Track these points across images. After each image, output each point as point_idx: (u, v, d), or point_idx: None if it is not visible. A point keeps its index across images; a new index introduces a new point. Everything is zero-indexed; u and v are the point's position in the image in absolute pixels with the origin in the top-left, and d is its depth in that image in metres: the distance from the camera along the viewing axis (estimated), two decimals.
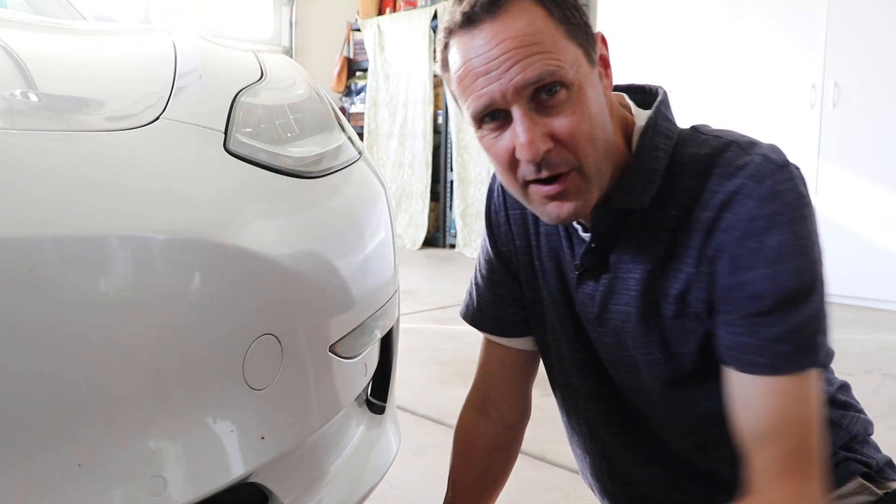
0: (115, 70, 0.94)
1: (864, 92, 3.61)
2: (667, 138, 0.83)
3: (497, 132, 0.77)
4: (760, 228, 0.74)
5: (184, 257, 0.69)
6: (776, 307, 0.75)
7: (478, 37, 0.74)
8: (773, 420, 0.76)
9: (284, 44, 6.23)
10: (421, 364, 2.63)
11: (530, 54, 0.73)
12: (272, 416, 0.79)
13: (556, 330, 0.96)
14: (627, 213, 0.83)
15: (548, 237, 0.94)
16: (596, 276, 0.87)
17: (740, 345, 0.77)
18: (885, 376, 2.52)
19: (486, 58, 0.74)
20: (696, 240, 0.79)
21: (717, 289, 0.78)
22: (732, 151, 0.79)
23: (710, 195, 0.78)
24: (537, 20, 0.74)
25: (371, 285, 0.97)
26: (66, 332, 0.62)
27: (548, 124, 0.75)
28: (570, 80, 0.74)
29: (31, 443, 0.61)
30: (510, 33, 0.73)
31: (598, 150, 0.77)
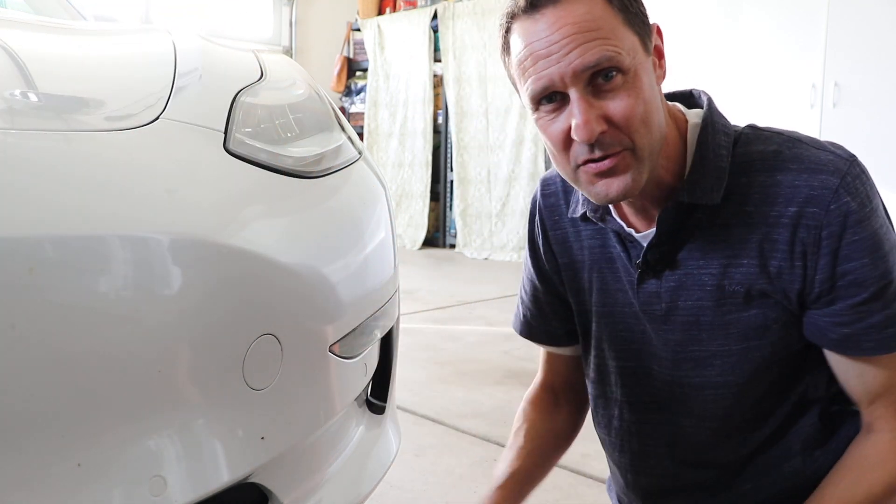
0: (114, 70, 0.94)
1: (864, 92, 3.61)
2: (725, 136, 0.86)
3: (554, 114, 0.80)
4: (855, 221, 0.78)
5: (184, 257, 0.69)
6: (878, 292, 0.79)
7: (540, 21, 0.77)
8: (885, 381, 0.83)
9: (284, 44, 6.24)
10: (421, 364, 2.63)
11: (590, 39, 0.76)
12: (272, 416, 0.79)
13: (603, 341, 0.98)
14: (692, 209, 0.84)
15: (592, 251, 0.96)
16: (658, 273, 0.89)
17: (848, 334, 0.81)
18: None
19: (547, 41, 0.76)
20: (783, 234, 0.81)
21: (818, 282, 0.81)
22: (801, 148, 0.83)
23: (791, 190, 0.81)
24: (597, 7, 0.77)
25: (371, 285, 0.97)
26: (66, 332, 0.62)
27: (603, 107, 0.77)
28: (627, 65, 0.77)
29: (31, 443, 0.61)
30: (571, 19, 0.76)
31: (652, 134, 0.80)
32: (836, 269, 0.80)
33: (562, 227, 1.00)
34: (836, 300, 0.81)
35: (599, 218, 0.92)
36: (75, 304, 0.62)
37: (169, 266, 0.68)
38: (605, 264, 0.95)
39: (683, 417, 0.92)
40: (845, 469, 0.84)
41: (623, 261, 0.92)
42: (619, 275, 0.93)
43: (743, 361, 0.87)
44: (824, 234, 0.79)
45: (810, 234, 0.80)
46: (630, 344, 0.94)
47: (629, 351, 0.95)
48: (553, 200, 1.01)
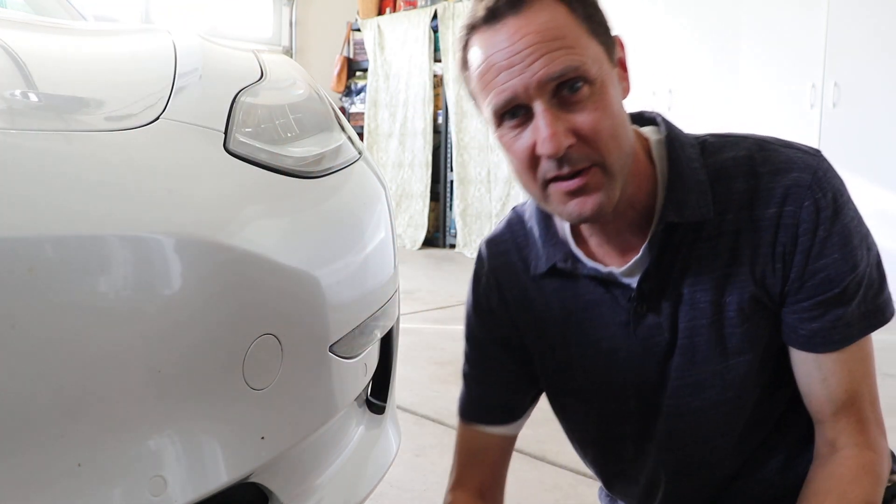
0: (114, 70, 0.94)
1: (864, 92, 3.61)
2: (692, 147, 0.84)
3: (518, 129, 0.76)
4: (828, 217, 0.78)
5: (184, 257, 0.69)
6: (849, 286, 0.79)
7: (500, 32, 0.74)
8: (847, 386, 0.82)
9: (284, 44, 6.24)
10: (421, 364, 2.63)
11: (554, 48, 0.72)
12: (272, 416, 0.79)
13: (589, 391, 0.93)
14: (674, 228, 0.82)
15: (562, 304, 0.91)
16: (654, 303, 0.85)
17: (819, 330, 0.81)
18: (885, 376, 2.52)
19: (509, 52, 0.73)
20: (765, 238, 0.80)
21: (791, 280, 0.80)
22: (769, 149, 0.82)
23: (767, 192, 0.80)
24: (560, 16, 0.74)
25: (371, 285, 0.97)
26: (66, 332, 0.62)
27: (570, 119, 0.74)
28: (593, 76, 0.74)
29: (31, 443, 0.61)
30: (533, 28, 0.73)
31: (622, 148, 0.77)
32: (809, 266, 0.79)
33: (520, 286, 0.94)
34: (807, 297, 0.80)
35: (570, 267, 0.88)
36: (75, 304, 0.62)
37: (169, 266, 0.68)
38: (583, 313, 0.90)
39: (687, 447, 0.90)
40: (823, 493, 0.81)
41: (608, 304, 0.87)
42: (605, 319, 0.88)
43: (739, 376, 0.85)
44: (800, 232, 0.79)
45: (788, 234, 0.79)
46: (626, 389, 0.90)
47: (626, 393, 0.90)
48: (504, 260, 0.95)
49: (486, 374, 0.99)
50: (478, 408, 1.00)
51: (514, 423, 1.00)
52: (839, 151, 3.70)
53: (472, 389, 1.00)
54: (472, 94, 0.80)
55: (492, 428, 0.99)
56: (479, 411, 1.00)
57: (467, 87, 0.81)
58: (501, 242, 0.97)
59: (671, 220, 0.80)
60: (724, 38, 4.01)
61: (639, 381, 0.89)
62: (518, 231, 0.95)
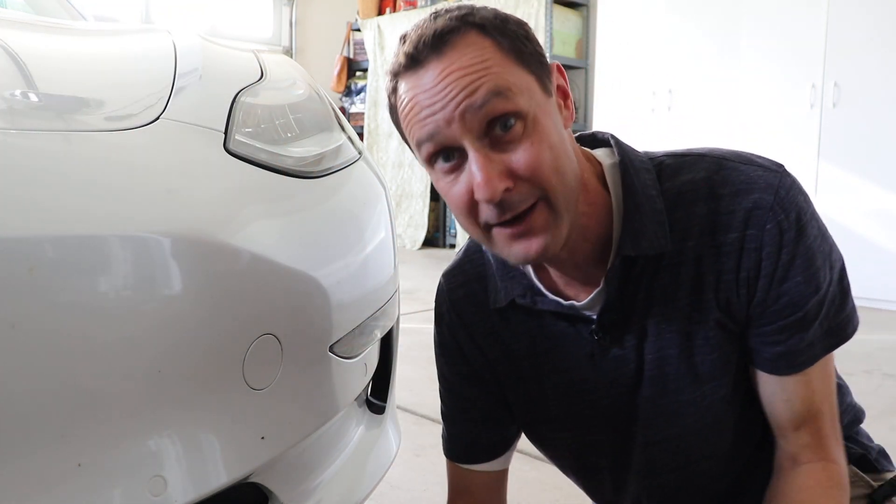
0: (114, 70, 0.94)
1: (864, 92, 3.61)
2: (647, 172, 0.80)
3: (452, 174, 0.72)
4: (791, 239, 0.76)
5: (183, 257, 0.69)
6: (813, 308, 0.78)
7: (424, 76, 0.70)
8: (809, 404, 0.81)
9: (284, 44, 6.23)
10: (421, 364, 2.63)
11: (476, 78, 0.69)
12: (272, 416, 0.79)
13: (563, 420, 0.91)
14: (635, 259, 0.79)
15: (530, 336, 0.88)
16: (618, 336, 0.83)
17: (783, 353, 0.79)
18: (885, 376, 2.52)
19: (432, 91, 0.70)
20: (730, 263, 0.77)
21: (754, 305, 0.78)
22: (728, 168, 0.78)
23: (728, 216, 0.77)
24: (485, 50, 0.70)
25: (371, 285, 0.97)
26: (66, 332, 0.62)
27: (505, 160, 0.70)
28: (525, 109, 0.70)
29: (31, 443, 0.61)
30: (456, 66, 0.69)
31: (567, 181, 0.73)
32: (772, 290, 0.77)
33: (484, 319, 0.90)
34: (770, 321, 0.78)
35: (530, 302, 0.85)
36: (75, 304, 0.62)
37: (169, 266, 0.68)
38: (549, 345, 0.87)
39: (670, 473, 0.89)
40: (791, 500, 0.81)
41: (572, 337, 0.85)
42: (569, 350, 0.86)
43: (715, 401, 0.83)
44: (763, 255, 0.76)
45: (751, 259, 0.76)
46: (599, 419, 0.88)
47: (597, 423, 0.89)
48: (465, 292, 0.92)
49: (463, 413, 0.97)
50: (460, 448, 0.98)
51: (500, 459, 0.98)
52: (839, 151, 3.70)
53: (452, 429, 0.99)
54: (404, 137, 0.77)
55: (477, 466, 0.98)
56: (461, 451, 0.98)
57: (400, 133, 0.77)
58: (460, 274, 0.93)
59: (627, 254, 0.77)
60: (724, 38, 4.01)
61: (609, 412, 0.87)
62: (476, 259, 0.92)
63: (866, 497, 0.90)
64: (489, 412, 0.96)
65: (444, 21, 0.71)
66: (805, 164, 3.71)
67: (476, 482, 0.98)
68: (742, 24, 3.95)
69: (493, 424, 0.96)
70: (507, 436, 0.98)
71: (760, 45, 3.89)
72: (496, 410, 0.96)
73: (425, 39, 0.70)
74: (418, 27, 0.73)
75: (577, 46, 5.26)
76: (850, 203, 3.66)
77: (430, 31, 0.71)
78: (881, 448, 0.95)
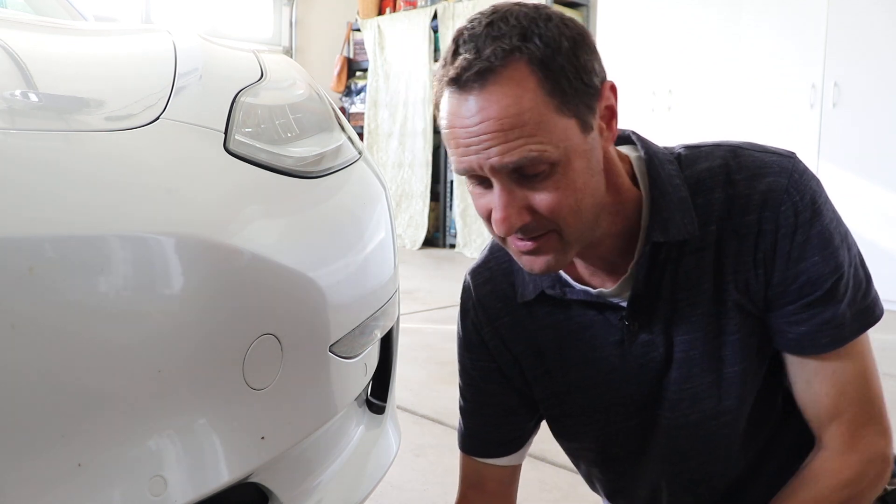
0: (114, 70, 0.94)
1: (864, 92, 3.61)
2: (670, 164, 0.83)
3: (480, 188, 0.76)
4: (806, 220, 0.78)
5: (184, 257, 0.69)
6: (831, 288, 0.79)
7: (464, 106, 0.72)
8: (840, 389, 0.81)
9: (284, 44, 6.23)
10: (421, 364, 2.63)
11: (511, 139, 0.70)
12: (272, 416, 0.79)
13: (589, 411, 0.93)
14: (660, 246, 0.81)
15: (556, 329, 0.91)
16: (646, 323, 0.85)
17: (807, 333, 0.80)
18: (886, 376, 2.51)
19: (468, 132, 0.72)
20: (747, 245, 0.80)
21: (773, 286, 0.80)
22: (744, 155, 0.82)
23: (745, 199, 0.79)
24: (525, 97, 0.70)
25: (371, 285, 0.97)
26: (66, 332, 0.62)
27: (528, 197, 0.74)
28: (555, 159, 0.72)
29: (31, 443, 0.61)
30: (494, 112, 0.70)
31: (583, 220, 0.76)
32: (789, 271, 0.79)
33: (510, 313, 0.93)
34: (791, 301, 0.80)
35: (560, 293, 0.88)
36: (75, 304, 0.62)
37: (169, 266, 0.68)
38: (577, 336, 0.89)
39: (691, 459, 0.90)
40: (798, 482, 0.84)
41: (601, 325, 0.87)
42: (599, 341, 0.88)
43: (735, 385, 0.84)
44: (780, 236, 0.78)
45: (768, 239, 0.79)
46: (627, 407, 0.90)
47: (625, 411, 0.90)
48: (491, 288, 0.94)
49: (483, 408, 0.98)
50: (477, 442, 0.99)
51: (516, 454, 1.00)
52: (839, 151, 3.70)
53: (471, 424, 1.00)
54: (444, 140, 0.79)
55: (493, 460, 0.99)
56: (478, 445, 0.99)
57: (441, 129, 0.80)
58: (486, 270, 0.96)
59: (657, 240, 0.80)
60: (723, 38, 4.01)
61: (637, 398, 0.89)
62: (502, 256, 0.94)
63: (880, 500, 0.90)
64: (509, 408, 0.97)
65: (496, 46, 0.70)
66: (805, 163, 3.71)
67: (490, 476, 1.00)
68: (742, 24, 3.95)
69: (512, 420, 0.98)
70: (524, 432, 1.00)
71: (760, 45, 3.89)
72: (516, 406, 0.97)
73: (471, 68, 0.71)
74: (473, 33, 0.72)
75: None
76: (850, 203, 3.66)
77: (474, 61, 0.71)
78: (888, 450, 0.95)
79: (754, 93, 3.91)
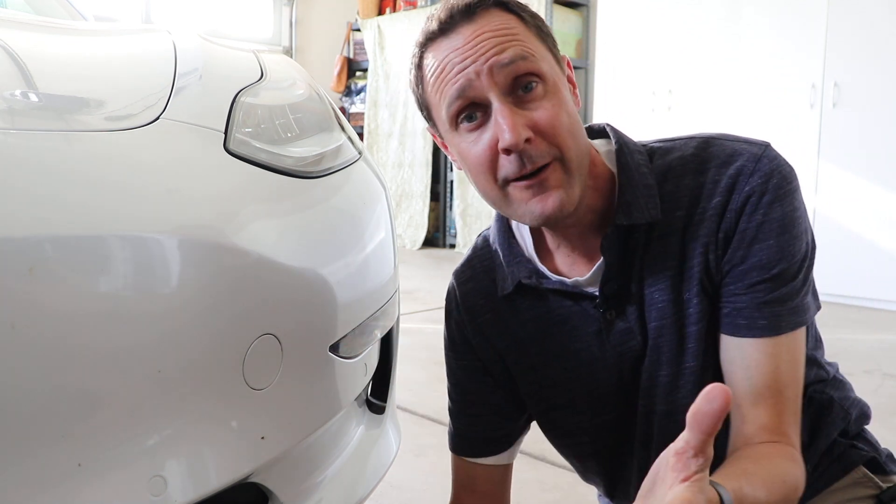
0: (115, 70, 0.94)
1: (864, 92, 3.61)
2: (640, 154, 0.86)
3: (475, 132, 0.78)
4: (767, 202, 0.78)
5: (183, 257, 0.69)
6: (779, 275, 0.79)
7: (455, 39, 0.78)
8: (770, 380, 0.79)
9: (284, 44, 6.23)
10: (421, 364, 2.63)
11: (505, 41, 0.76)
12: (272, 416, 0.79)
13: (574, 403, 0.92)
14: (630, 230, 0.83)
15: (537, 321, 0.91)
16: (621, 308, 0.85)
17: (743, 312, 0.80)
18: (885, 376, 2.52)
19: (463, 49, 0.77)
20: (711, 227, 0.81)
21: (724, 262, 0.80)
22: (716, 145, 0.83)
23: (713, 185, 0.81)
24: (512, 20, 0.78)
25: (371, 285, 0.97)
26: (66, 331, 0.62)
27: (528, 115, 0.77)
28: (546, 73, 0.78)
29: (31, 443, 0.61)
30: (487, 28, 0.77)
31: (580, 146, 0.79)
32: (741, 249, 0.79)
33: (493, 309, 0.94)
34: (738, 279, 0.80)
35: (536, 283, 0.88)
36: (75, 304, 0.62)
37: (169, 266, 0.68)
38: (558, 328, 0.90)
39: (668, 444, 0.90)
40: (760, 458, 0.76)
41: (579, 316, 0.88)
42: (577, 332, 0.89)
43: (691, 381, 0.84)
44: (741, 218, 0.79)
45: (729, 221, 0.80)
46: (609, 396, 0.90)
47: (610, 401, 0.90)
48: (473, 286, 0.96)
49: (470, 407, 0.99)
50: (465, 442, 1.00)
51: (505, 453, 1.00)
52: (839, 151, 3.70)
53: (459, 423, 1.00)
54: (426, 104, 0.83)
55: (483, 459, 0.99)
56: (466, 445, 1.00)
57: (420, 102, 0.85)
58: (468, 269, 0.98)
59: (620, 223, 0.82)
60: (723, 38, 4.01)
61: (620, 387, 0.89)
62: (484, 254, 0.96)
63: (874, 498, 0.90)
64: (497, 406, 0.98)
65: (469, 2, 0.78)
66: (805, 164, 3.71)
67: (481, 476, 1.00)
68: (742, 24, 3.95)
69: (500, 418, 0.98)
70: (513, 430, 1.00)
71: (760, 45, 3.89)
72: (504, 404, 0.98)
73: (458, 8, 0.78)
74: (446, 4, 0.79)
75: (577, 46, 5.26)
76: (850, 203, 3.66)
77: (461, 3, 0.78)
78: (889, 452, 0.95)
79: (754, 93, 3.91)
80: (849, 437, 0.92)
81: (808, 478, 0.89)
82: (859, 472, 0.91)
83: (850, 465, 0.91)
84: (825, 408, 0.90)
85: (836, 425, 0.91)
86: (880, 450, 0.94)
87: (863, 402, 0.95)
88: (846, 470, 0.90)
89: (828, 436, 0.90)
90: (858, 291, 3.61)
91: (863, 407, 0.95)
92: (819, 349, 0.93)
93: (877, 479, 0.91)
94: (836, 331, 3.04)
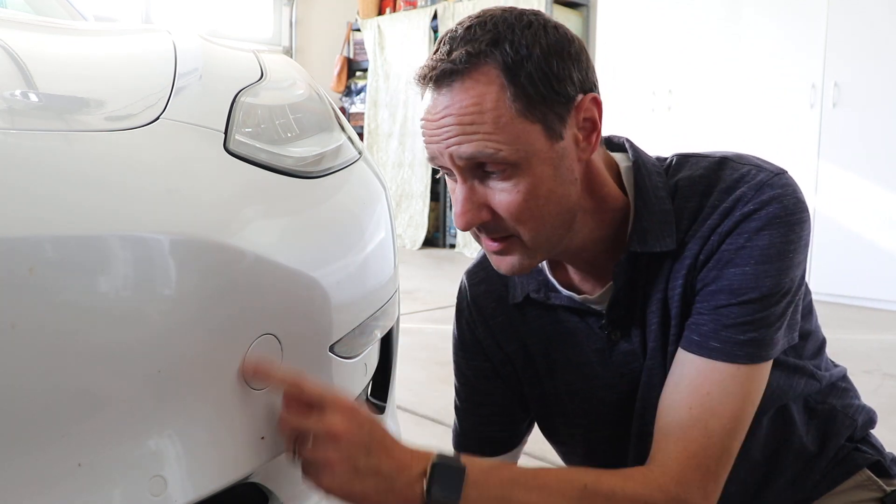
0: (115, 70, 0.93)
1: (864, 92, 3.62)
2: (658, 175, 0.83)
3: (452, 181, 0.79)
4: (754, 228, 0.75)
5: (183, 257, 0.69)
6: (748, 302, 0.75)
7: (436, 100, 0.75)
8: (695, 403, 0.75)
9: (284, 44, 6.23)
10: (421, 364, 2.63)
11: (469, 132, 0.72)
12: (272, 416, 0.79)
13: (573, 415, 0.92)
14: (638, 256, 0.81)
15: (543, 331, 0.91)
16: (626, 332, 0.84)
17: (701, 329, 0.77)
18: (885, 376, 2.52)
19: (433, 124, 0.75)
20: (692, 249, 0.79)
21: (698, 282, 0.79)
22: (728, 167, 0.80)
23: (713, 209, 0.78)
24: (487, 97, 0.72)
25: (371, 285, 0.97)
26: (66, 331, 0.61)
27: (487, 196, 0.75)
28: (512, 160, 0.73)
29: (31, 443, 0.61)
30: (456, 109, 0.73)
31: (546, 226, 0.76)
32: (715, 270, 0.77)
33: (504, 313, 0.94)
34: (704, 300, 0.78)
35: (543, 297, 0.88)
36: (75, 304, 0.62)
37: (169, 266, 0.68)
38: (563, 340, 0.89)
39: None
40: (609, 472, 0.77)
41: (584, 331, 0.88)
42: (581, 348, 0.88)
43: None
44: (726, 241, 0.76)
45: (713, 243, 0.78)
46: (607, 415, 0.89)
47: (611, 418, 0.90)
48: (486, 288, 0.96)
49: (478, 407, 0.99)
50: (471, 441, 1.00)
51: (510, 454, 1.00)
52: (839, 151, 3.70)
53: (465, 423, 1.01)
54: None
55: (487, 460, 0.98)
56: (472, 444, 1.00)
57: None
58: (481, 270, 0.97)
59: (633, 250, 0.80)
60: (723, 38, 4.01)
61: (618, 406, 0.88)
62: None
63: (878, 501, 0.90)
64: (503, 407, 0.98)
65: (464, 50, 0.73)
66: (805, 164, 3.71)
67: None
68: (742, 24, 3.95)
69: (506, 419, 0.98)
70: (518, 431, 1.00)
71: (760, 45, 3.89)
72: (510, 406, 0.98)
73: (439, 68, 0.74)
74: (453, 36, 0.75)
75: None
76: (849, 203, 3.66)
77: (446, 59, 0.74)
78: (894, 455, 0.95)
79: (754, 93, 3.92)
80: (853, 441, 0.92)
81: (813, 480, 0.89)
82: (863, 474, 0.90)
83: (855, 467, 0.90)
84: (829, 418, 0.90)
85: (842, 434, 0.90)
86: (885, 453, 0.94)
87: (869, 408, 0.95)
88: (850, 473, 0.90)
89: (835, 445, 0.90)
90: (858, 291, 3.61)
91: (869, 412, 0.95)
92: (818, 357, 0.91)
93: (881, 483, 0.91)
94: (836, 331, 3.04)
